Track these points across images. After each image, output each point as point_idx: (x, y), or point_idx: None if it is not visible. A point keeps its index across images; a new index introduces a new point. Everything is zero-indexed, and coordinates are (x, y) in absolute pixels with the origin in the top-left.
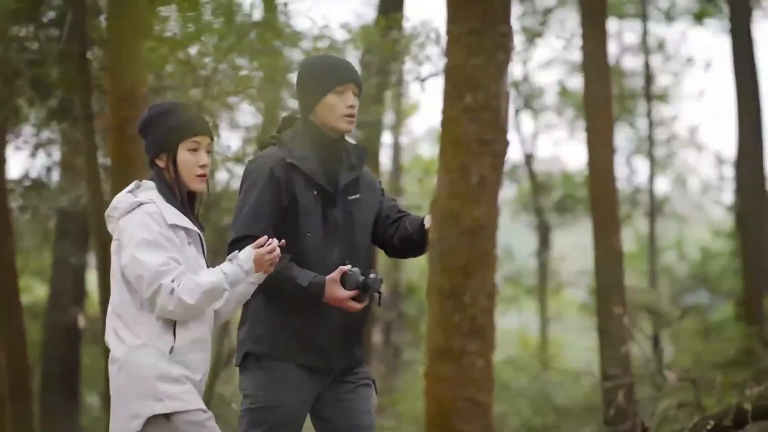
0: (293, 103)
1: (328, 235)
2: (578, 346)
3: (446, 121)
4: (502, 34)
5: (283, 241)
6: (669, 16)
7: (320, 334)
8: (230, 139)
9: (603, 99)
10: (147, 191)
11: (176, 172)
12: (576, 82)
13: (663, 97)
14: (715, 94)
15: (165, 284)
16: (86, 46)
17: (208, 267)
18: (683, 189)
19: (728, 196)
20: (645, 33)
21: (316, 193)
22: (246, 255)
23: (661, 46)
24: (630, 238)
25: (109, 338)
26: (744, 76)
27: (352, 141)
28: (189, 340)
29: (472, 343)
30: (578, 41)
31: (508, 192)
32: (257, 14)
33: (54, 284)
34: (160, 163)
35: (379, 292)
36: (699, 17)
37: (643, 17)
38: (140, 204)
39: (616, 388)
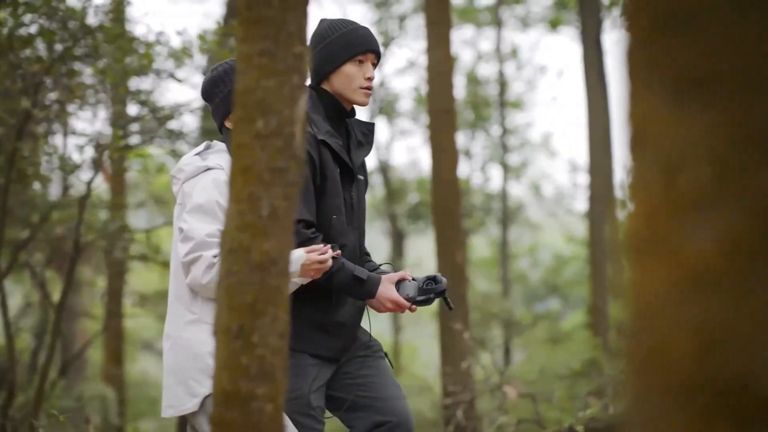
0: (133, 109)
1: (348, 217)
2: (433, 352)
3: (236, 148)
4: (296, 55)
5: (339, 251)
6: (524, 24)
7: (337, 326)
8: (67, 147)
9: (446, 111)
10: (217, 154)
11: None
12: None
13: (517, 104)
14: (571, 101)
15: (206, 256)
16: None
17: None
18: (538, 196)
19: (583, 203)
20: (499, 40)
21: (339, 171)
22: (296, 257)
23: (514, 53)
24: (485, 245)
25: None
26: (594, 85)
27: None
28: None
29: (260, 387)
30: None
31: None
32: (92, 19)
33: None
34: (229, 125)
35: (445, 297)
36: (554, 25)
37: (498, 25)
38: (207, 169)
39: (455, 404)
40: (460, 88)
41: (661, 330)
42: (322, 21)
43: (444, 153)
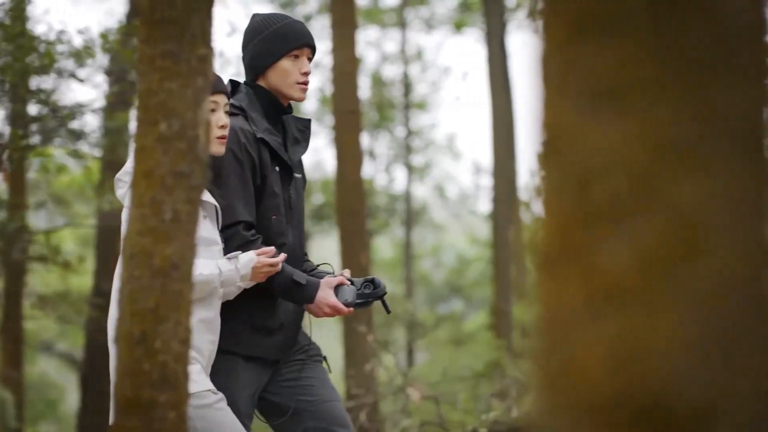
0: (34, 109)
1: (287, 216)
2: (336, 354)
3: (138, 151)
4: (200, 57)
5: (284, 255)
6: (429, 25)
7: (277, 326)
8: None
9: (351, 112)
10: None
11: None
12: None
13: (421, 105)
14: (475, 102)
15: None
16: None
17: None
18: (442, 197)
19: (486, 205)
20: (404, 42)
21: (278, 169)
22: (246, 260)
23: (419, 55)
24: (389, 246)
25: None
26: (498, 86)
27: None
28: (195, 321)
29: (163, 394)
30: None
31: None
32: None
33: None
34: None
35: (384, 301)
36: (458, 26)
37: (403, 26)
38: None
39: (359, 407)
40: (365, 89)
41: (574, 345)
42: (255, 16)
43: (348, 154)
